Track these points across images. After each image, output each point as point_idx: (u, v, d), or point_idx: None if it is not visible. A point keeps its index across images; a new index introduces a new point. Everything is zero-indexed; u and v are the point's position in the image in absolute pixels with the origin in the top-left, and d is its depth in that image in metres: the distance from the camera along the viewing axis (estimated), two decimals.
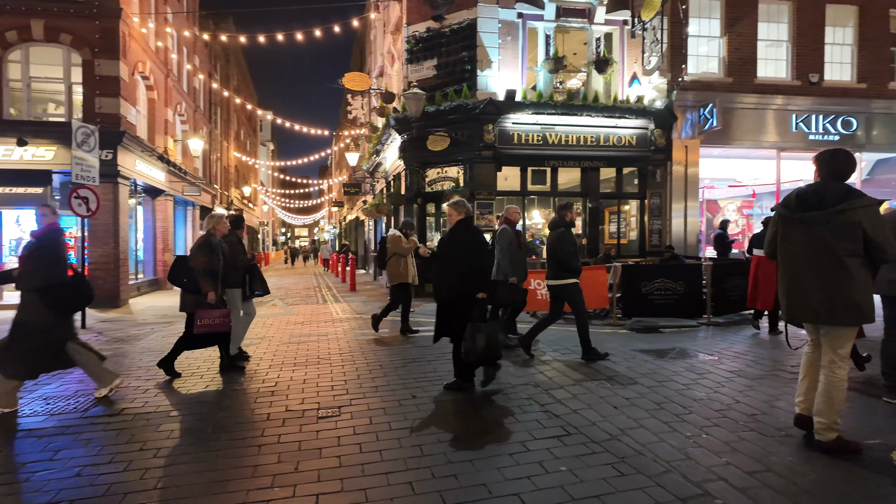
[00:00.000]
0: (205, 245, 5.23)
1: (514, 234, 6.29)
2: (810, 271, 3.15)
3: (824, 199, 3.11)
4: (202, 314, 5.11)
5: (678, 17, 11.59)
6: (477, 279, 4.49)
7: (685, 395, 4.40)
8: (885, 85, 12.51)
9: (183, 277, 5.21)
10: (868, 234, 2.99)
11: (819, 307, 3.12)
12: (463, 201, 4.81)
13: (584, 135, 11.25)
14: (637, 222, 12.05)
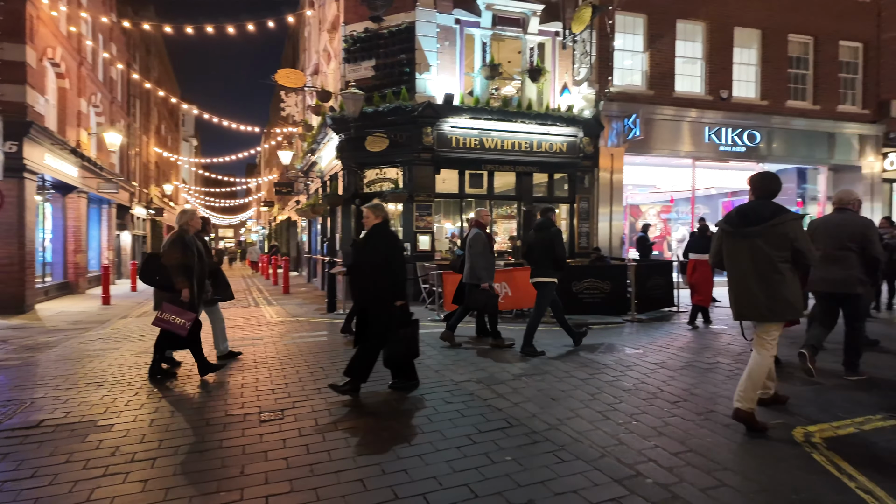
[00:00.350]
0: (178, 241, 5.04)
1: (486, 237, 6.51)
2: (753, 277, 3.65)
3: (760, 216, 3.66)
4: (168, 308, 4.91)
5: (605, 32, 12.28)
6: (394, 289, 4.43)
7: (615, 386, 4.71)
8: (783, 103, 13.88)
9: (156, 275, 5.06)
10: (794, 244, 3.56)
11: (762, 306, 3.62)
12: (381, 204, 4.68)
13: (518, 140, 11.64)
14: (567, 225, 12.60)
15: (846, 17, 14.22)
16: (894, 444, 3.38)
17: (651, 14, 12.72)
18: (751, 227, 3.68)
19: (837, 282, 4.75)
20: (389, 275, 4.39)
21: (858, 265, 4.69)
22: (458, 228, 12.39)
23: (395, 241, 4.56)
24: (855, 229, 4.72)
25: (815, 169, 14.86)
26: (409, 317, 4.59)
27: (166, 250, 5.01)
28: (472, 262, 6.40)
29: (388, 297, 4.42)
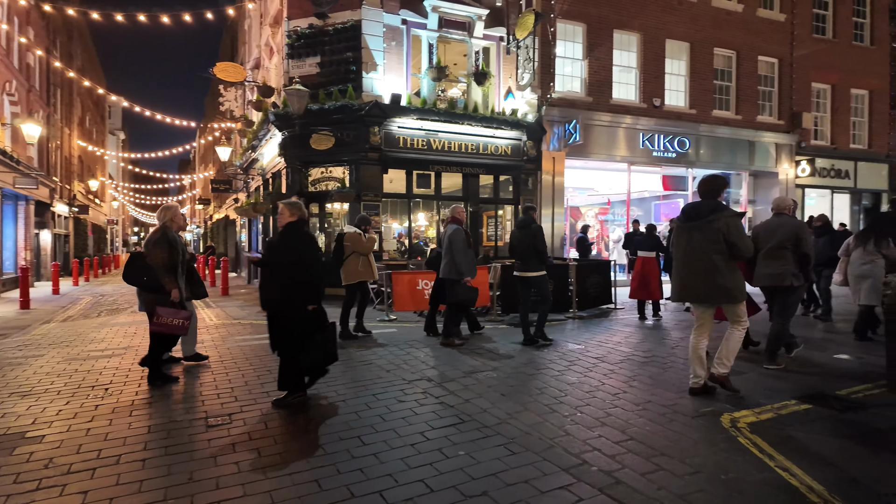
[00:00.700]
0: (163, 239, 4.91)
1: (465, 233, 6.54)
2: (692, 264, 4.27)
3: (700, 212, 4.28)
4: (162, 312, 4.80)
5: (547, 39, 12.68)
6: (307, 291, 4.17)
7: (560, 381, 4.92)
8: (709, 112, 14.86)
9: (142, 276, 4.89)
10: (727, 237, 4.12)
11: (699, 291, 4.27)
12: (299, 203, 4.46)
13: (465, 142, 11.81)
14: (512, 226, 12.91)
15: (763, 34, 15.41)
16: (806, 427, 3.74)
17: (590, 23, 13.26)
18: (691, 221, 4.29)
19: (775, 276, 5.36)
20: (303, 277, 4.14)
21: (793, 262, 5.32)
22: (406, 228, 12.42)
23: (310, 242, 4.30)
24: (790, 230, 5.33)
25: (737, 174, 15.99)
26: (324, 320, 4.33)
27: (151, 249, 4.85)
28: (452, 257, 6.41)
29: (301, 300, 4.16)
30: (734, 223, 4.15)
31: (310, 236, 4.37)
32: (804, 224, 5.62)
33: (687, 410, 4.05)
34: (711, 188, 4.40)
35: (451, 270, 6.46)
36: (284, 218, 4.32)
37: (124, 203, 47.55)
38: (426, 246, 13.07)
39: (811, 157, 15.98)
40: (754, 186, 16.13)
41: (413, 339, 6.98)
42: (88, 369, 5.55)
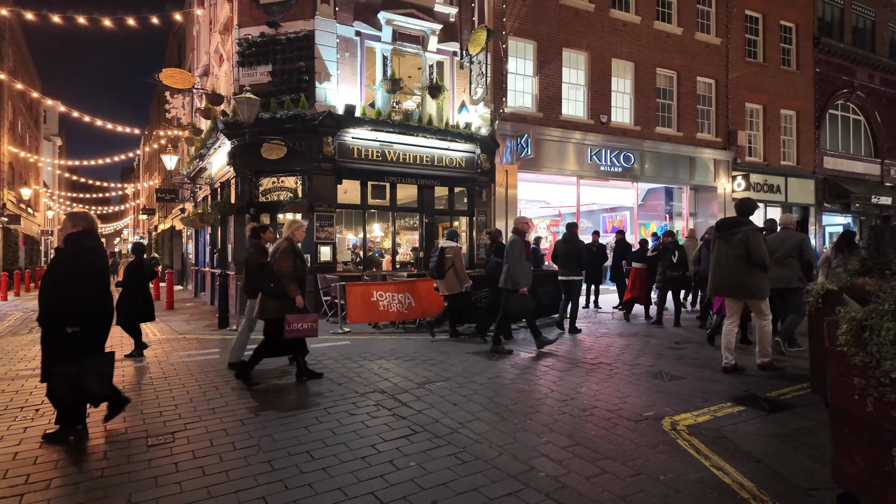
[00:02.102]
0: (289, 250, 5.35)
1: (524, 244, 6.77)
2: (722, 266, 5.51)
3: (727, 225, 5.57)
4: (292, 319, 5.16)
5: (499, 55, 13.00)
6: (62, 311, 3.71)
7: (511, 388, 5.01)
8: (653, 129, 15.56)
9: (269, 283, 5.24)
10: (746, 244, 5.29)
11: (728, 287, 5.50)
12: (85, 213, 4.08)
13: (420, 154, 11.89)
14: (467, 237, 13.06)
15: (701, 56, 16.34)
16: (738, 427, 3.97)
17: (540, 41, 13.68)
18: (721, 232, 5.58)
19: (783, 279, 6.32)
20: (61, 294, 3.69)
21: (798, 268, 6.36)
22: (361, 239, 12.32)
23: (79, 258, 3.81)
24: (794, 242, 6.40)
25: (679, 188, 16.78)
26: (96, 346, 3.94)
27: (278, 259, 5.27)
28: (510, 267, 6.63)
29: (61, 318, 3.71)
30: (753, 235, 5.32)
31: (84, 250, 3.86)
32: (806, 237, 6.76)
33: (630, 415, 4.21)
34: (741, 209, 5.68)
35: (507, 280, 6.71)
36: (65, 230, 3.92)
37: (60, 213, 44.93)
38: (381, 257, 13.02)
39: (746, 172, 16.98)
40: (695, 200, 16.97)
41: (367, 351, 6.93)
42: (17, 389, 5.23)
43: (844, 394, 2.70)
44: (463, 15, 12.60)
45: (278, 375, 5.68)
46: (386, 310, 8.48)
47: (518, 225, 7.00)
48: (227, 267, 12.07)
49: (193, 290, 17.24)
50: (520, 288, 6.59)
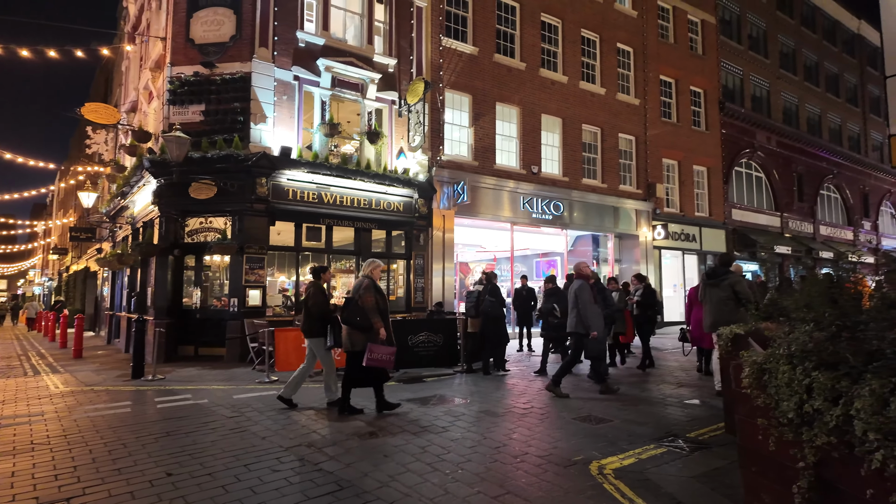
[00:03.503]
0: (371, 286, 5.84)
1: (591, 287, 7.09)
2: (716, 306, 6.44)
3: (717, 273, 6.67)
4: (374, 348, 5.61)
5: (437, 106, 13.46)
6: None
7: (444, 437, 4.94)
8: (580, 180, 16.47)
9: (356, 316, 5.71)
10: (734, 288, 6.36)
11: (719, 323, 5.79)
12: None
13: (357, 197, 11.89)
14: (404, 280, 13.03)
15: (622, 115, 17.68)
16: (661, 469, 4.10)
17: (475, 95, 14.33)
18: (710, 280, 6.66)
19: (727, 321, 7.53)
20: None
21: None
22: (293, 282, 11.98)
23: None
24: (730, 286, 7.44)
25: (605, 236, 17.71)
26: None
27: (362, 294, 5.77)
28: (579, 311, 6.86)
29: None
30: (739, 280, 6.52)
31: None
32: None
33: (560, 460, 4.26)
34: (726, 260, 6.94)
35: (577, 324, 6.88)
36: None
37: None
38: None
39: (665, 222, 18.23)
40: (620, 247, 17.94)
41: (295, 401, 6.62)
42: None
43: (750, 434, 2.88)
44: (402, 66, 13.03)
45: (197, 427, 5.30)
46: None
47: (583, 270, 7.27)
48: (146, 311, 11.32)
49: (107, 337, 15.93)
50: (591, 332, 6.79)
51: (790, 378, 2.60)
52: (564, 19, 16.28)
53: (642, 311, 9.63)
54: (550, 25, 16.15)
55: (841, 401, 2.37)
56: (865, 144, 29.26)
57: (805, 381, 2.54)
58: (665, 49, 19.15)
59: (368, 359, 5.56)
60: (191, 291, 11.23)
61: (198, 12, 11.16)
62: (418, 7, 13.26)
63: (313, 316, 6.17)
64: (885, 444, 2.16)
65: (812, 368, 2.55)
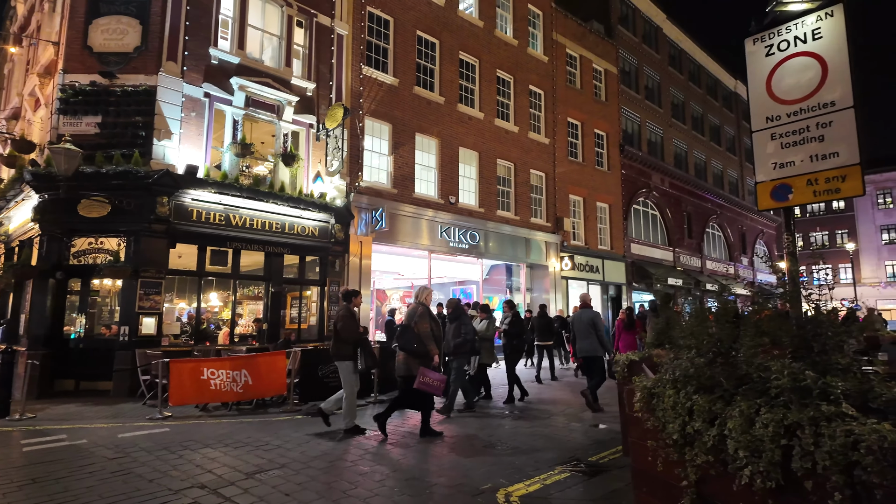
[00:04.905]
0: (426, 313, 6.21)
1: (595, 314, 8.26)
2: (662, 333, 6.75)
3: None
4: (426, 372, 5.86)
5: (356, 132, 13.45)
6: None
7: (352, 471, 4.77)
8: (495, 212, 17.06)
9: (413, 342, 5.99)
10: None
11: None
12: None
13: (269, 220, 11.47)
14: (317, 308, 12.63)
15: (533, 152, 18.68)
16: (564, 493, 4.24)
17: (395, 124, 14.51)
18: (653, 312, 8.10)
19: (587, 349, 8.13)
20: None
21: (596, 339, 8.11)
22: (195, 309, 11.20)
23: None
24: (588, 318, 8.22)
25: (518, 266, 18.39)
26: None
27: (417, 321, 6.11)
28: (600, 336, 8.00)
29: None
30: None
31: None
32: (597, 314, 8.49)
33: (470, 489, 4.26)
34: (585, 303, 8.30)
35: (596, 349, 7.95)
36: None
37: None
38: (217, 329, 11.94)
39: (571, 254, 19.27)
40: (531, 276, 18.68)
41: (190, 438, 6.12)
42: None
43: (642, 456, 3.07)
44: (321, 91, 12.93)
45: (72, 471, 4.71)
46: (218, 389, 7.65)
47: (587, 301, 8.70)
48: (18, 341, 10.06)
49: None
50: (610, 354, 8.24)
51: (675, 401, 2.82)
52: (481, 59, 17.06)
53: (509, 340, 9.21)
54: (468, 64, 16.85)
55: (717, 422, 2.60)
56: (742, 189, 33.03)
57: (687, 403, 2.76)
58: (572, 94, 20.62)
59: (420, 382, 5.84)
60: (74, 319, 10.15)
61: (98, 19, 10.43)
62: (339, 34, 13.31)
63: (343, 339, 6.35)
64: (752, 460, 2.40)
65: (693, 392, 2.79)
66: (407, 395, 6.17)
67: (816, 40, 3.97)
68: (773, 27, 4.21)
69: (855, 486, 2.07)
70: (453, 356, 7.70)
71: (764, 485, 2.35)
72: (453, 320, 7.83)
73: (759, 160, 4.23)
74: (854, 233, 42.17)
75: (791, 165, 4.01)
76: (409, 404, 6.33)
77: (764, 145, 4.19)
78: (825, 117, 3.86)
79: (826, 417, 2.21)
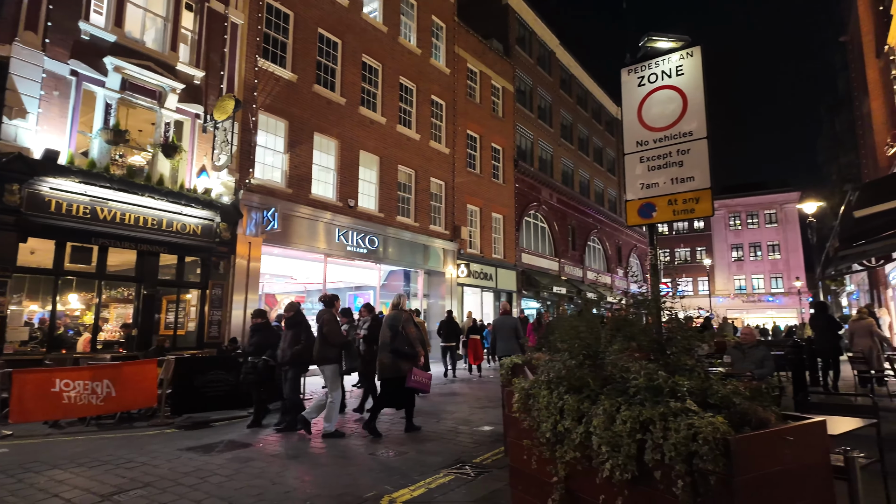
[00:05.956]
0: (410, 319, 6.80)
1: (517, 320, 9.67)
2: None
3: None
4: (417, 372, 6.49)
5: (249, 126, 12.75)
6: None
7: (226, 487, 4.47)
8: (394, 217, 17.05)
9: (405, 345, 6.49)
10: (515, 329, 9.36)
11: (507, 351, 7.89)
12: None
13: (144, 216, 10.45)
14: (197, 313, 11.72)
15: (434, 161, 18.99)
16: (448, 496, 4.31)
17: (292, 121, 13.98)
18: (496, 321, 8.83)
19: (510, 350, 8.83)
20: None
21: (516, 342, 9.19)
22: (49, 312, 9.87)
23: None
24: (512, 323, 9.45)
25: (416, 272, 18.51)
26: None
27: (405, 326, 6.53)
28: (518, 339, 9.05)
29: None
30: None
31: None
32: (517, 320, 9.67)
33: (352, 499, 4.18)
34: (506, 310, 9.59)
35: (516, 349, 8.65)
36: None
37: None
38: (77, 335, 10.63)
39: (467, 261, 19.82)
40: (428, 282, 18.90)
41: (35, 459, 5.36)
42: None
43: (518, 455, 3.21)
44: (210, 80, 12.10)
45: None
46: (73, 402, 6.79)
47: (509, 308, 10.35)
48: None
49: None
50: None
51: (548, 401, 2.99)
52: (385, 64, 17.04)
53: (369, 346, 8.11)
54: (372, 67, 16.74)
55: (584, 420, 2.80)
56: (620, 207, 36.17)
57: (559, 403, 2.94)
58: (472, 107, 21.30)
59: (412, 380, 6.36)
60: None
61: None
62: (234, 23, 12.57)
63: (330, 344, 6.61)
64: (613, 454, 2.61)
65: (564, 392, 2.98)
66: (391, 395, 6.58)
67: (679, 76, 4.48)
68: (644, 60, 4.68)
69: (694, 474, 2.33)
70: (289, 366, 6.91)
71: (622, 477, 2.56)
72: (292, 326, 7.00)
73: (629, 180, 4.66)
74: (711, 250, 47.96)
75: (655, 186, 4.46)
76: (393, 403, 6.69)
77: (634, 167, 4.62)
78: (684, 145, 4.35)
79: (673, 413, 2.46)
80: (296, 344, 6.88)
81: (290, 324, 7.04)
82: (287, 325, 7.10)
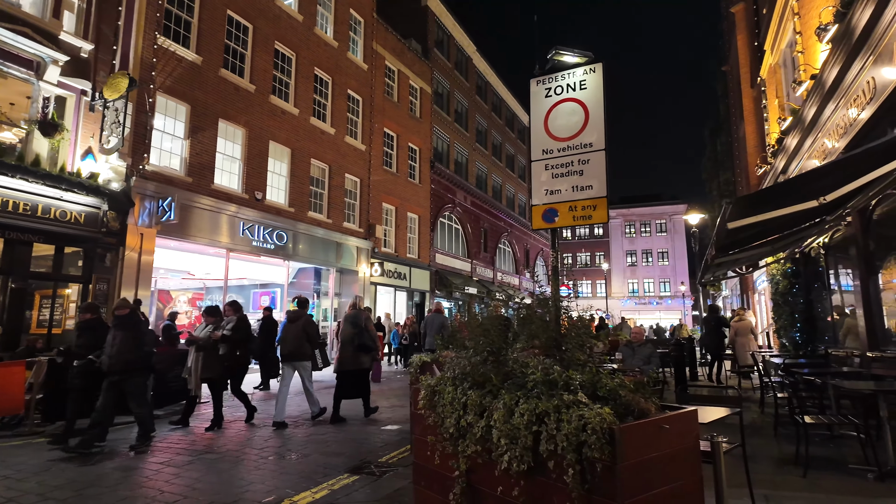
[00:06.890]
0: (370, 317, 8.01)
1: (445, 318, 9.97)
2: None
3: None
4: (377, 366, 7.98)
5: (144, 108, 11.74)
6: None
7: (110, 498, 4.10)
8: (306, 213, 16.50)
9: (369, 341, 7.46)
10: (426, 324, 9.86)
11: None
12: None
13: (15, 200, 9.26)
14: (77, 309, 10.58)
15: (349, 157, 18.64)
16: (351, 497, 4.25)
17: (194, 106, 13.07)
18: None
19: None
20: None
21: None
22: None
23: None
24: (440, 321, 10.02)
25: (328, 270, 18.04)
26: None
27: (367, 325, 7.59)
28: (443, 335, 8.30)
29: None
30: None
31: None
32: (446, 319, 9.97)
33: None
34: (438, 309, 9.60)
35: None
36: None
37: None
38: None
39: (381, 260, 19.67)
40: (340, 281, 18.50)
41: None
42: None
43: (422, 451, 3.25)
44: (100, 55, 11.00)
45: None
46: None
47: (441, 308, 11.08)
48: None
49: None
50: None
51: (453, 397, 3.06)
52: (299, 54, 16.47)
53: (230, 349, 7.24)
54: (285, 56, 16.10)
55: (485, 414, 2.89)
56: (528, 212, 37.67)
57: (463, 398, 3.02)
58: (389, 105, 21.19)
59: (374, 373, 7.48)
60: None
61: None
62: None
63: (311, 341, 7.46)
64: (511, 447, 2.72)
65: (468, 388, 3.06)
66: (349, 387, 7.42)
67: (582, 90, 4.76)
68: (552, 73, 4.92)
69: (583, 462, 2.50)
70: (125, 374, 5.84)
71: (518, 468, 2.67)
72: (124, 328, 5.96)
73: (535, 186, 4.89)
74: (608, 255, 51.48)
75: (558, 193, 4.72)
76: (351, 394, 7.46)
77: (539, 174, 4.85)
78: (585, 155, 4.64)
79: (566, 405, 2.62)
80: (135, 349, 5.89)
81: (120, 324, 5.95)
82: (117, 326, 5.97)
